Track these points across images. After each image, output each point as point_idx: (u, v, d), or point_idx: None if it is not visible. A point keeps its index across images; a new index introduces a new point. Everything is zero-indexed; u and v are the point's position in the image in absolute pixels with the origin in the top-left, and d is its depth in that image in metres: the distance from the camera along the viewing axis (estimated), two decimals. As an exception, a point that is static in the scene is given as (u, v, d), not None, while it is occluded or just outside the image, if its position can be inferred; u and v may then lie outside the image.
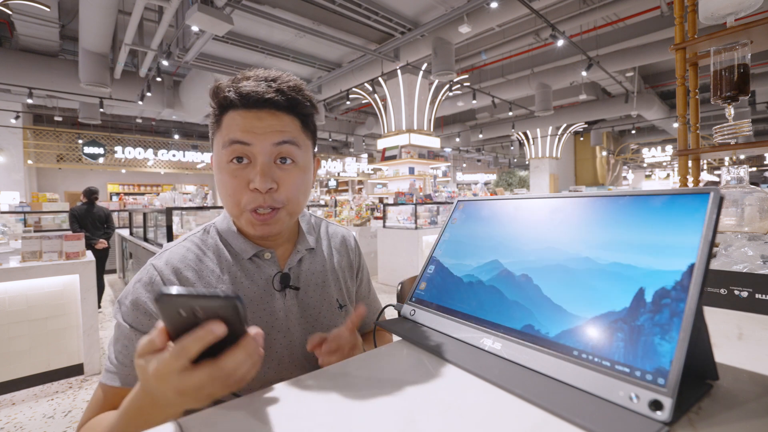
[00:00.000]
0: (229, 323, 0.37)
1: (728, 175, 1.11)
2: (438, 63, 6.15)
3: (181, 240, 0.69)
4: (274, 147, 0.60)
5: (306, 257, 0.73)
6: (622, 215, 0.45)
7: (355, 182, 18.33)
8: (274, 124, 0.60)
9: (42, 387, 2.50)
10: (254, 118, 0.59)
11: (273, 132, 0.59)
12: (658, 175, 18.52)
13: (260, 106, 0.59)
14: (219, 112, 0.61)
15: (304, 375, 0.46)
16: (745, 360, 0.46)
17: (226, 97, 0.59)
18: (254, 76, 0.61)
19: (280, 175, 0.61)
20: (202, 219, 4.51)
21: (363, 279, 0.84)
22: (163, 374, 0.37)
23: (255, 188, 0.59)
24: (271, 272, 0.67)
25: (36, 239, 2.53)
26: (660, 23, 6.56)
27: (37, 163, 10.92)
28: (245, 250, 0.66)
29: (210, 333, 0.36)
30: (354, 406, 0.39)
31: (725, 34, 1.21)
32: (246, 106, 0.59)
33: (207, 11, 4.36)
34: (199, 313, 0.36)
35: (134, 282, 0.61)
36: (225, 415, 0.38)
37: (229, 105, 0.60)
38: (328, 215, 6.78)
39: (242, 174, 0.59)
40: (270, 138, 0.59)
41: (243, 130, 0.58)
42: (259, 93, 0.59)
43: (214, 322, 0.36)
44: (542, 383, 0.39)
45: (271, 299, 0.66)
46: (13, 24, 6.60)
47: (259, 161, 0.59)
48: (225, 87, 0.60)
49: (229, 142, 0.59)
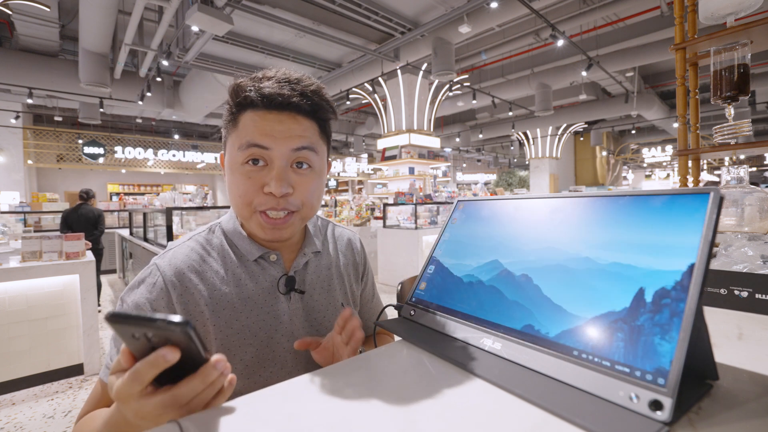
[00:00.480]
0: (184, 349, 0.36)
1: (728, 175, 1.11)
2: (438, 63, 6.15)
3: (186, 239, 0.68)
4: (293, 152, 0.59)
5: (312, 260, 0.72)
6: (622, 215, 0.45)
7: (355, 182, 18.34)
8: (295, 129, 0.59)
9: (42, 387, 2.50)
10: (275, 120, 0.58)
11: (293, 137, 0.58)
12: (658, 175, 18.52)
13: (281, 109, 0.58)
14: (236, 110, 0.60)
15: (304, 375, 0.46)
16: (745, 360, 0.46)
17: (247, 97, 0.58)
18: (275, 76, 0.60)
19: (296, 180, 0.60)
20: (202, 219, 4.51)
21: (368, 282, 0.84)
22: (123, 396, 0.37)
23: (270, 192, 0.58)
24: (276, 274, 0.66)
25: (36, 239, 2.53)
26: (660, 23, 6.56)
27: (37, 163, 10.92)
28: (251, 251, 0.65)
29: (162, 359, 0.35)
30: (354, 406, 0.39)
31: (725, 34, 1.21)
32: (267, 107, 0.58)
33: (207, 11, 4.36)
34: (151, 337, 0.35)
35: (137, 281, 0.61)
36: (225, 415, 0.38)
37: (248, 105, 0.59)
38: (328, 215, 6.78)
39: (257, 176, 0.59)
40: (290, 143, 0.58)
41: (262, 133, 0.57)
42: (283, 96, 0.57)
43: (167, 348, 0.35)
44: (542, 383, 0.39)
45: (276, 302, 0.65)
46: (13, 24, 6.60)
47: (276, 165, 0.58)
48: (246, 86, 0.59)
49: (247, 144, 0.57)
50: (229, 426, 0.36)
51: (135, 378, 0.36)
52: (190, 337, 0.35)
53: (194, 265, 0.63)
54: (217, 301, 0.61)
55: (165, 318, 0.33)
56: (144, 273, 0.62)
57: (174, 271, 0.61)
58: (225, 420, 0.37)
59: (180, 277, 0.61)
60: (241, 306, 0.62)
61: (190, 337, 0.35)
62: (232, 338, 0.61)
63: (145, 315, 0.34)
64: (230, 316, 0.61)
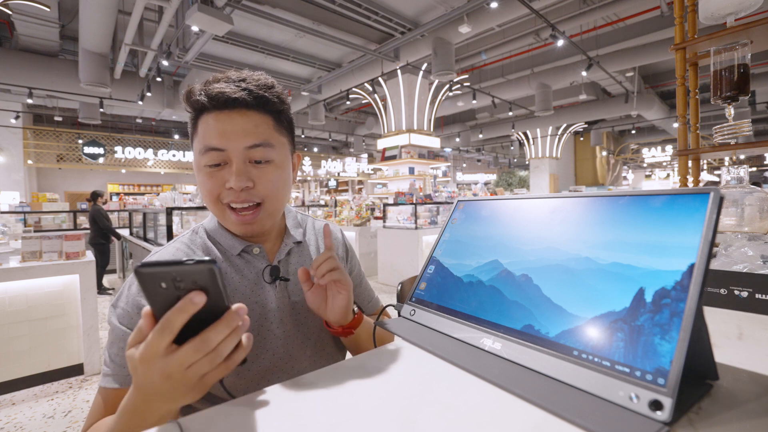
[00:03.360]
0: (209, 293, 0.37)
1: (728, 175, 1.11)
2: (438, 63, 6.15)
3: (173, 241, 0.70)
4: (247, 150, 0.61)
5: (294, 250, 0.74)
6: (622, 215, 0.45)
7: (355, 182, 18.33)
8: (246, 125, 0.60)
9: (42, 387, 2.49)
10: (226, 119, 0.60)
11: (245, 134, 0.60)
12: (658, 175, 18.52)
13: (230, 107, 0.60)
14: (195, 116, 0.63)
15: (303, 375, 0.46)
16: (745, 360, 0.46)
17: (197, 101, 0.60)
18: (224, 77, 0.62)
19: (256, 174, 0.62)
20: (202, 219, 4.49)
21: (353, 269, 0.85)
22: (148, 357, 0.37)
23: (230, 187, 0.60)
24: (260, 266, 0.68)
25: (36, 239, 2.53)
26: (660, 23, 6.56)
27: (37, 163, 10.92)
28: (234, 246, 0.68)
29: (190, 303, 0.36)
30: (354, 406, 0.39)
31: (725, 34, 1.21)
32: (217, 107, 0.60)
33: (207, 11, 4.36)
34: (180, 284, 0.36)
35: (128, 285, 0.62)
36: (225, 415, 0.38)
37: (202, 108, 0.61)
38: (328, 215, 6.78)
39: (219, 174, 0.61)
40: (242, 141, 0.60)
41: (216, 134, 0.59)
42: (226, 93, 0.59)
43: (195, 293, 0.36)
44: (542, 383, 0.39)
45: (263, 292, 0.67)
46: (13, 24, 6.59)
47: (234, 163, 0.60)
48: (196, 90, 0.61)
49: (205, 149, 0.60)
50: (230, 426, 0.36)
51: (164, 328, 0.36)
52: (215, 279, 0.36)
53: None
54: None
55: (194, 259, 0.35)
56: (132, 277, 0.62)
57: None
58: (225, 420, 0.37)
59: None
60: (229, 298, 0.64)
61: (216, 279, 0.36)
62: None
63: (175, 260, 0.35)
64: None
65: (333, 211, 6.73)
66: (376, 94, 8.34)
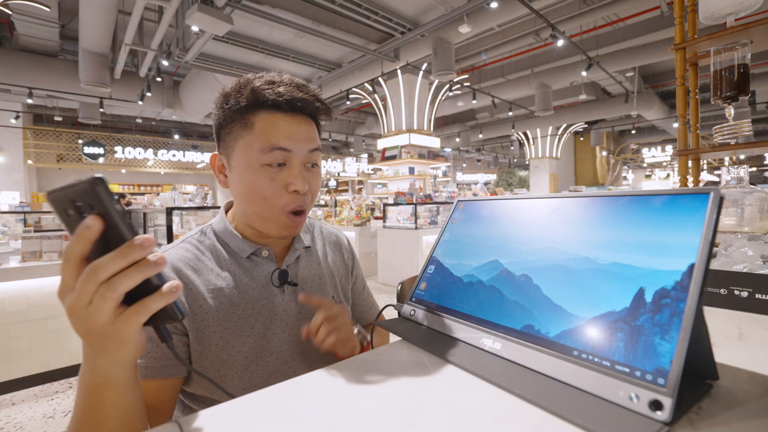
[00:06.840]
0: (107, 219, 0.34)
1: (728, 175, 1.11)
2: (438, 63, 6.14)
3: (179, 242, 0.69)
4: (309, 153, 0.64)
5: (303, 255, 0.75)
6: (622, 215, 0.45)
7: (355, 182, 18.33)
8: (309, 132, 0.64)
9: (42, 387, 2.49)
10: (294, 124, 0.62)
11: (308, 139, 0.64)
12: (658, 175, 18.52)
13: (298, 112, 0.63)
14: (246, 111, 0.61)
15: (304, 375, 0.46)
16: (745, 360, 0.46)
17: (266, 100, 0.60)
18: (283, 80, 0.63)
19: (309, 178, 0.64)
20: (202, 219, 4.50)
21: (357, 277, 0.87)
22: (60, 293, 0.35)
23: (295, 190, 0.61)
24: (269, 269, 0.68)
25: (36, 239, 2.53)
26: (660, 23, 6.56)
27: (37, 163, 10.92)
28: (243, 248, 0.68)
29: (86, 228, 0.33)
30: (354, 406, 0.39)
31: (725, 34, 1.21)
32: (285, 110, 0.62)
33: (207, 11, 4.36)
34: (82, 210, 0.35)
35: None
36: (225, 415, 0.38)
37: (260, 106, 0.61)
38: (328, 215, 6.78)
39: (279, 177, 0.61)
40: (307, 145, 0.63)
41: (285, 135, 0.61)
42: (302, 101, 0.62)
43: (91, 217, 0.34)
44: (542, 383, 0.39)
45: (270, 295, 0.67)
46: (13, 24, 6.59)
47: (296, 166, 0.62)
48: (260, 87, 0.61)
49: (270, 147, 0.60)
50: (230, 425, 0.36)
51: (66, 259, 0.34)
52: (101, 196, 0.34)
53: (190, 263, 0.65)
54: (215, 295, 0.63)
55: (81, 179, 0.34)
56: None
57: (170, 268, 0.62)
58: (225, 420, 0.38)
59: (177, 273, 0.62)
60: (237, 299, 0.64)
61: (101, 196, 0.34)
62: (231, 331, 0.62)
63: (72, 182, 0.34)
64: (228, 309, 0.63)
65: (333, 211, 6.73)
66: (376, 94, 8.34)
